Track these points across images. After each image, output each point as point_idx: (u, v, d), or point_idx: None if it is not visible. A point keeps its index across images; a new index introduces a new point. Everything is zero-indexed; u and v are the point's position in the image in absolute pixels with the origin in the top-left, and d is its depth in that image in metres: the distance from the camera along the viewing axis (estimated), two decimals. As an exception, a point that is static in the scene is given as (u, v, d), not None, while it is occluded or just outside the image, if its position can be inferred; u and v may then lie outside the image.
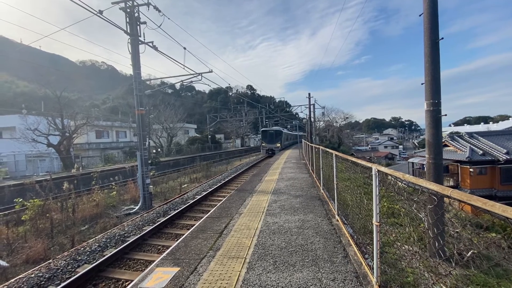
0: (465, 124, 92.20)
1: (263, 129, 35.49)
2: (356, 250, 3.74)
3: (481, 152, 19.46)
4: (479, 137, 21.56)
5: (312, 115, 34.69)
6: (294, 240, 4.29)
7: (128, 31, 11.04)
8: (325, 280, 3.07)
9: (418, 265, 2.90)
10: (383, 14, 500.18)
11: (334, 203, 5.49)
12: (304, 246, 4.02)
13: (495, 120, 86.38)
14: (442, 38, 5.00)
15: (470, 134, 22.17)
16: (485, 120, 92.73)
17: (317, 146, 9.75)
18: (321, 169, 8.07)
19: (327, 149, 7.14)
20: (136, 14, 11.15)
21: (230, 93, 69.25)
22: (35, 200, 9.60)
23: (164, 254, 4.12)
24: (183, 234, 5.06)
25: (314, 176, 10.47)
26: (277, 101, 75.62)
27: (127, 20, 11.08)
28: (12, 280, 5.20)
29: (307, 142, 17.96)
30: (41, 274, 5.38)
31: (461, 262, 2.79)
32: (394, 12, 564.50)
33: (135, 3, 11.10)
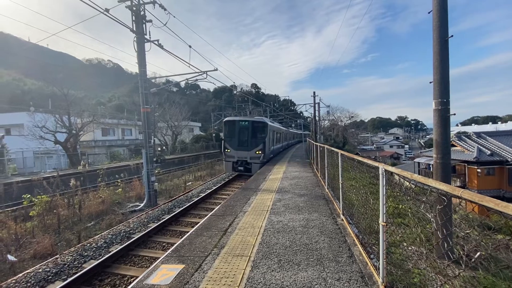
0: (472, 124, 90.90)
1: (227, 119, 17.25)
2: (361, 250, 3.71)
3: (489, 152, 19.14)
4: (487, 137, 21.22)
5: (317, 114, 34.53)
6: (298, 239, 4.27)
7: (134, 29, 11.09)
8: (330, 279, 3.05)
9: (425, 266, 2.86)
10: (390, 11, 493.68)
11: (339, 202, 5.45)
12: (309, 245, 4.00)
13: (504, 120, 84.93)
14: (452, 36, 4.90)
15: (478, 134, 21.83)
16: (494, 119, 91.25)
17: (322, 145, 9.69)
18: (325, 168, 8.02)
19: (332, 148, 7.08)
20: (142, 12, 11.19)
21: (235, 91, 69.15)
22: (42, 196, 9.78)
23: (169, 251, 4.14)
24: (188, 232, 5.09)
25: (319, 175, 10.42)
26: (281, 99, 75.20)
27: (133, 18, 11.11)
28: (20, 274, 5.30)
29: (312, 141, 17.89)
30: (48, 269, 5.46)
31: (469, 264, 2.74)
32: (402, 9, 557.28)
33: (141, 1, 11.13)
